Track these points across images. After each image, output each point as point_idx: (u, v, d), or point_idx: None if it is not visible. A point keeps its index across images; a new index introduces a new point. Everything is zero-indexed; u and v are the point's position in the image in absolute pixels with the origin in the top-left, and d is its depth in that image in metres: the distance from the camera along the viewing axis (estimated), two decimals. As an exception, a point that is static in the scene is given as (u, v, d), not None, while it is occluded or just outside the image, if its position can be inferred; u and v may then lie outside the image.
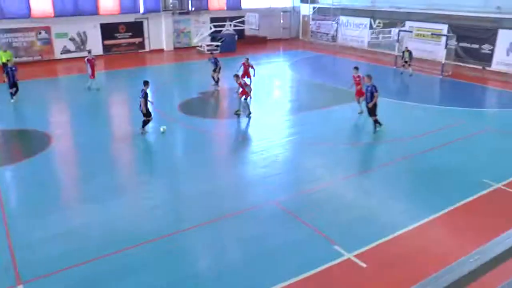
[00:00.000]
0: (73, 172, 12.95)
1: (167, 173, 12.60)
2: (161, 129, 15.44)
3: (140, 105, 15.21)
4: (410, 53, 24.74)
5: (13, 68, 18.63)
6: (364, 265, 8.30)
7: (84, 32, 29.98)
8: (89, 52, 21.47)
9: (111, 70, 26.86)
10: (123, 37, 31.67)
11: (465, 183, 11.80)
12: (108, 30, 30.90)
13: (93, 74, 20.78)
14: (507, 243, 2.75)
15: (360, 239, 9.13)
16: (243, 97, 17.20)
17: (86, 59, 20.89)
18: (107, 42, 31.04)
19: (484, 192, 11.29)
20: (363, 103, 16.48)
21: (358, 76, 17.29)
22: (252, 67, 20.90)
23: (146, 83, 15.40)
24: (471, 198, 10.95)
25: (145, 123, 15.35)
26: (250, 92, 17.45)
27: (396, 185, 11.80)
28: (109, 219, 9.96)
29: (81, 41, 30.04)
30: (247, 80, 19.79)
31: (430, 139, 15.00)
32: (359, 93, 17.28)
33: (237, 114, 17.48)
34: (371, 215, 10.22)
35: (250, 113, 17.12)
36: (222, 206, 10.55)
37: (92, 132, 15.71)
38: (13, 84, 18.69)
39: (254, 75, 20.94)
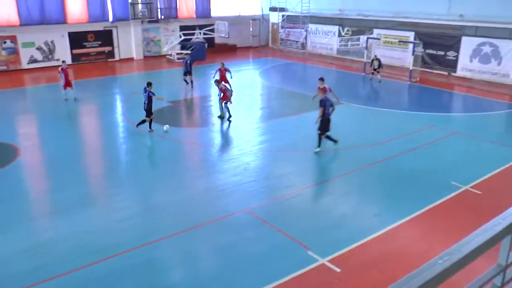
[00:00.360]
0: (41, 185, 12.64)
1: (138, 183, 12.44)
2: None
3: (145, 103, 15.83)
4: (379, 61, 25.16)
5: None
6: (338, 269, 8.36)
7: (52, 41, 29.44)
8: (63, 61, 20.97)
9: (80, 79, 26.35)
10: (92, 46, 31.22)
11: (435, 186, 12.05)
12: (77, 39, 30.41)
13: (68, 84, 20.34)
14: (473, 243, 2.83)
15: (333, 244, 9.20)
16: (224, 101, 17.31)
17: (60, 68, 20.44)
18: (76, 51, 30.53)
19: (453, 194, 11.56)
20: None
21: (324, 88, 16.85)
22: (229, 71, 20.94)
23: (149, 84, 15.94)
24: (440, 201, 11.18)
25: (145, 122, 16.02)
26: (231, 96, 17.50)
27: (368, 190, 11.94)
28: (78, 232, 9.73)
29: (49, 51, 29.49)
30: (226, 85, 19.80)
31: (399, 144, 15.26)
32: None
33: (221, 117, 17.75)
34: (344, 220, 10.33)
35: (230, 116, 17.21)
36: (195, 215, 10.47)
37: (62, 144, 15.39)
38: None
39: (231, 78, 21.01)
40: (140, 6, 32.26)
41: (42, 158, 14.62)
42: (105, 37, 31.64)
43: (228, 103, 17.45)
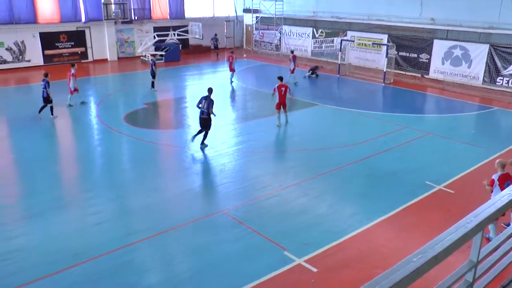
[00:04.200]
0: (11, 189, 12.27)
1: (113, 186, 12.26)
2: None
3: (204, 112, 14.65)
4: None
5: None
6: (314, 269, 8.42)
7: (23, 42, 28.86)
8: (73, 65, 20.37)
9: (53, 81, 25.87)
10: (64, 47, 30.71)
11: (409, 185, 12.25)
12: (49, 40, 29.87)
13: (75, 89, 19.92)
14: (446, 241, 2.89)
15: (309, 244, 9.27)
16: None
17: (72, 72, 19.79)
18: (48, 51, 29.98)
19: (427, 193, 11.79)
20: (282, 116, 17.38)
21: (283, 86, 17.19)
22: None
23: (210, 90, 15.14)
24: (415, 200, 11.39)
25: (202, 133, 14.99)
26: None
27: (344, 190, 12.06)
28: (53, 236, 9.56)
29: (20, 51, 28.90)
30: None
31: (374, 144, 15.45)
32: (279, 106, 17.28)
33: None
34: (320, 220, 10.40)
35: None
36: (170, 217, 10.41)
37: (34, 147, 15.09)
38: None
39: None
40: (113, 6, 31.86)
41: (13, 161, 14.26)
42: (78, 37, 31.19)
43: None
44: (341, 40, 29.30)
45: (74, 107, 19.86)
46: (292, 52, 26.52)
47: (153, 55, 24.84)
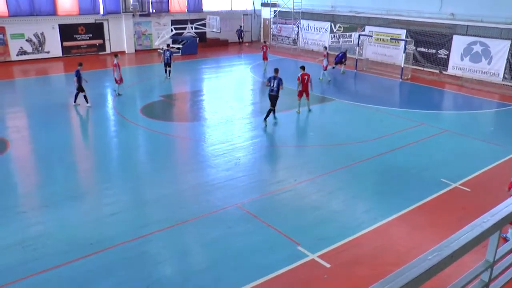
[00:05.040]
0: (30, 178, 12.51)
1: (129, 178, 12.39)
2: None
3: (273, 90, 16.66)
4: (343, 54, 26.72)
5: None
6: (328, 265, 8.41)
7: (42, 33, 29.21)
8: (116, 56, 20.78)
9: (71, 72, 26.18)
10: (83, 39, 31.08)
11: (425, 183, 12.14)
12: (68, 31, 30.25)
13: (121, 79, 20.41)
14: (462, 239, 2.87)
15: (323, 239, 9.25)
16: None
17: (115, 62, 20.20)
18: (66, 43, 30.37)
19: (443, 191, 11.66)
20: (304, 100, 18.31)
21: (306, 74, 18.13)
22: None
23: (277, 70, 17.05)
24: (430, 197, 11.28)
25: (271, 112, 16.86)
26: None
27: (358, 186, 12.01)
28: (69, 225, 9.71)
29: (39, 43, 29.25)
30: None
31: (390, 141, 15.35)
32: (302, 94, 18.24)
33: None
34: (334, 216, 10.38)
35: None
36: (185, 210, 10.47)
37: (52, 137, 15.30)
38: None
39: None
40: (131, -1, 32.10)
41: (32, 151, 14.51)
42: (96, 30, 31.51)
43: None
44: (359, 35, 29.07)
45: (114, 97, 20.36)
46: (325, 48, 26.03)
47: (168, 46, 25.00)
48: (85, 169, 13.29)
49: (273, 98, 16.87)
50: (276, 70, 17.07)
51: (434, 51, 27.29)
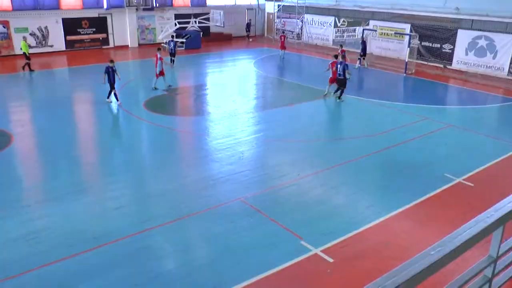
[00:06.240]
0: (34, 172, 12.56)
1: (132, 172, 12.42)
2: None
3: (340, 74, 18.59)
4: (363, 43, 25.89)
5: None
6: (330, 259, 8.41)
7: (46, 27, 29.23)
8: (159, 49, 20.87)
9: (74, 66, 26.30)
10: (86, 33, 31.08)
11: (428, 177, 12.11)
12: (71, 26, 30.27)
13: (161, 73, 20.52)
14: (465, 235, 2.86)
15: (327, 234, 9.25)
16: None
17: (158, 56, 20.37)
18: (70, 37, 30.39)
19: (446, 186, 11.63)
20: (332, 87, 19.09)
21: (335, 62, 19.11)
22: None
23: (337, 56, 19.56)
24: (434, 192, 11.25)
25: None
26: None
27: (362, 181, 11.99)
28: (73, 219, 9.74)
29: (43, 36, 29.27)
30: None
31: (394, 135, 15.32)
32: (333, 80, 19.29)
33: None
34: (337, 211, 10.37)
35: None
36: (189, 204, 10.49)
37: (56, 131, 15.35)
38: None
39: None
40: (135, -7, 32.04)
41: (36, 144, 14.56)
42: (100, 24, 31.50)
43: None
44: (363, 30, 28.96)
45: (155, 90, 20.52)
46: (341, 46, 25.26)
47: (172, 37, 25.09)
48: (89, 163, 13.32)
49: (341, 81, 18.67)
50: (338, 56, 19.44)
51: (438, 45, 27.17)
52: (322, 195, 11.13)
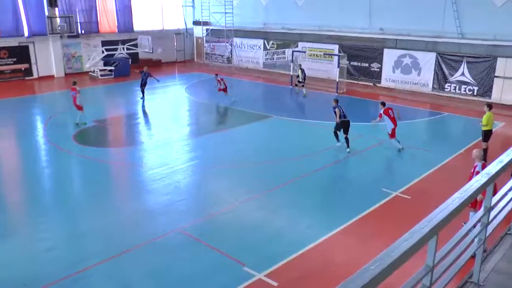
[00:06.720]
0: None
1: (63, 210, 11.67)
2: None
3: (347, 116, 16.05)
4: (302, 71, 25.70)
5: None
6: (275, 283, 8.27)
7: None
8: (74, 83, 19.31)
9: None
10: (6, 63, 29.21)
11: (366, 193, 12.34)
12: (-13, 56, 28.35)
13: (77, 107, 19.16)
14: (402, 247, 2.88)
15: (269, 258, 9.13)
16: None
17: (76, 92, 19.00)
18: (-14, 69, 28.47)
19: (384, 200, 11.89)
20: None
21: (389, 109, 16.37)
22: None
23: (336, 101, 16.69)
24: (372, 208, 11.46)
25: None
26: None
27: (301, 202, 11.99)
28: (-2, 265, 9.01)
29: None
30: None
31: (330, 154, 15.56)
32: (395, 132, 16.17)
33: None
34: (279, 233, 10.29)
35: None
36: (125, 239, 10.01)
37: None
38: None
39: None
40: (58, 20, 30.75)
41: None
42: (21, 53, 29.84)
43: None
44: (293, 51, 29.57)
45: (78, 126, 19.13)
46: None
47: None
48: (14, 202, 12.45)
49: (347, 124, 15.96)
50: (336, 101, 16.79)
51: (367, 64, 28.20)
52: (262, 219, 11.01)
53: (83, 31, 32.63)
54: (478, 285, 4.47)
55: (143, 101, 23.63)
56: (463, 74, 24.28)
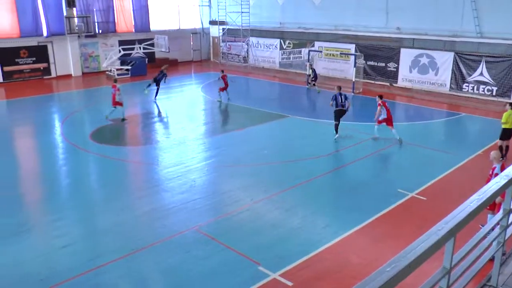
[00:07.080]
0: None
1: (80, 207, 11.82)
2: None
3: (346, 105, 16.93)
4: (313, 70, 25.73)
5: None
6: (290, 283, 8.26)
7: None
8: (115, 81, 20.04)
9: (13, 99, 25.21)
10: (25, 63, 29.68)
11: (382, 194, 12.25)
12: (8, 55, 28.75)
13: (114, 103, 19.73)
14: (419, 249, 2.86)
15: (284, 258, 9.11)
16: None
17: (114, 88, 19.57)
18: (7, 68, 28.88)
19: (400, 201, 11.79)
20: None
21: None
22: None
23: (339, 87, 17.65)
24: (388, 209, 11.38)
25: None
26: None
27: (316, 202, 11.96)
28: (18, 262, 9.11)
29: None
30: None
31: (346, 154, 15.50)
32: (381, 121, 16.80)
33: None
34: (294, 233, 10.26)
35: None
36: (141, 236, 10.09)
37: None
38: None
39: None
40: (76, 20, 31.17)
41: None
42: (40, 52, 30.29)
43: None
44: (309, 51, 29.48)
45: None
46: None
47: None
48: (33, 200, 12.60)
49: (343, 113, 17.08)
50: (339, 87, 17.68)
51: (383, 64, 27.99)
52: (277, 219, 11.00)
53: (100, 31, 32.97)
54: (497, 289, 4.41)
55: (154, 92, 23.90)
56: (481, 74, 23.97)
